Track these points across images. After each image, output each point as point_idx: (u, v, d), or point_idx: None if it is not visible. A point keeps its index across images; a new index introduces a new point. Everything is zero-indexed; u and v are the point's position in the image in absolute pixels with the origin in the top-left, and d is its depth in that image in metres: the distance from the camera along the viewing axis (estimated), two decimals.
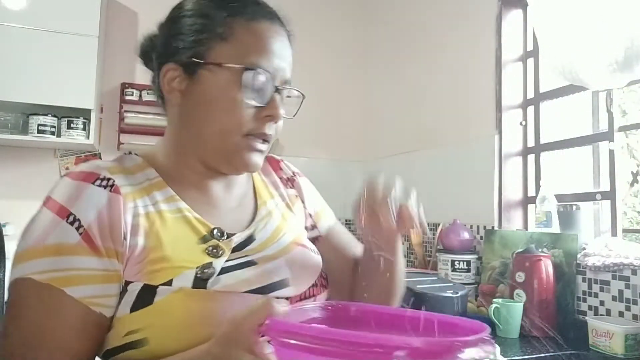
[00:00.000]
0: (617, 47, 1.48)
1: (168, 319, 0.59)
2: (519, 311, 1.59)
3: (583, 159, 1.87)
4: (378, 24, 3.16)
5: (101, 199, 0.61)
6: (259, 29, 0.69)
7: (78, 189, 0.62)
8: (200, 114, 0.68)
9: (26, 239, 0.61)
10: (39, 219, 0.61)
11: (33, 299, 0.57)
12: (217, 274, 0.63)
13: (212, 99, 0.67)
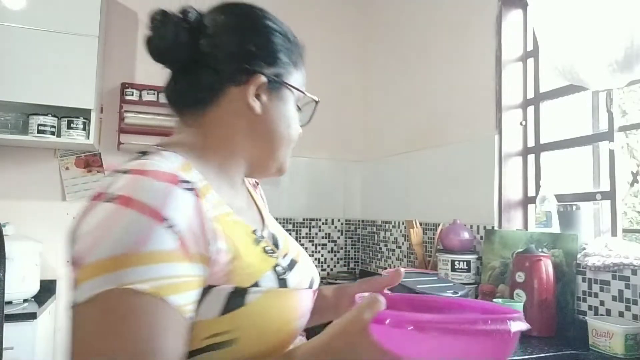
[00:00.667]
0: (617, 47, 1.48)
1: (259, 319, 0.60)
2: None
3: (583, 159, 1.87)
4: (378, 24, 3.16)
5: (189, 203, 0.57)
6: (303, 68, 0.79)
7: (166, 191, 0.55)
8: (278, 127, 0.73)
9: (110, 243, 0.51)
10: (123, 220, 0.52)
11: (137, 311, 0.51)
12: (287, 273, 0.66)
13: (288, 115, 0.75)
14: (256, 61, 0.70)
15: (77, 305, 0.51)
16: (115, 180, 0.56)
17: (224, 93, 0.70)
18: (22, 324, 1.95)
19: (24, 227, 2.40)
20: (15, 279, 2.09)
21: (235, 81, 0.69)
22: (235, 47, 0.70)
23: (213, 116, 0.71)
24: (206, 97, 0.71)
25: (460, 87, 2.33)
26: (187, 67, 0.72)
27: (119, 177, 0.56)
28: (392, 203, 2.81)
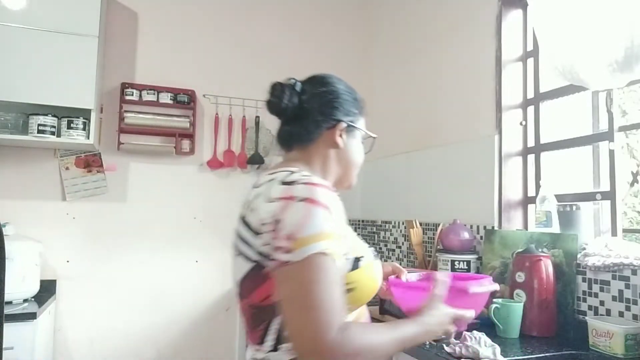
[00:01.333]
0: (617, 47, 1.48)
1: (364, 277, 0.96)
2: (519, 311, 1.59)
3: (583, 159, 1.87)
4: (379, 24, 3.16)
5: (339, 203, 0.93)
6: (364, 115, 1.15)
7: (331, 195, 0.91)
8: (352, 156, 1.10)
9: (312, 225, 0.84)
10: (318, 213, 0.85)
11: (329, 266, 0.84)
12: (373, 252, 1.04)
13: (358, 149, 1.11)
14: (339, 114, 1.06)
15: (294, 262, 0.82)
16: (296, 188, 0.88)
17: (320, 135, 1.06)
18: (22, 324, 1.96)
19: (24, 227, 2.40)
20: (15, 279, 2.09)
21: (327, 127, 1.05)
22: (326, 106, 1.06)
23: (314, 150, 1.06)
24: (310, 137, 1.06)
25: (460, 87, 2.33)
26: (293, 119, 1.06)
27: (298, 186, 0.88)
28: (392, 203, 2.81)
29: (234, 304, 2.85)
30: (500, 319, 1.58)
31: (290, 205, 0.85)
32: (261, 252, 0.88)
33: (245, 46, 2.97)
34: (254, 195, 0.93)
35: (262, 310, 0.91)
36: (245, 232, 0.93)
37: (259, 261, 0.89)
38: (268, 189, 0.90)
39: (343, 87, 1.10)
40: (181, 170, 2.79)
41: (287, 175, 0.91)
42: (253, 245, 0.90)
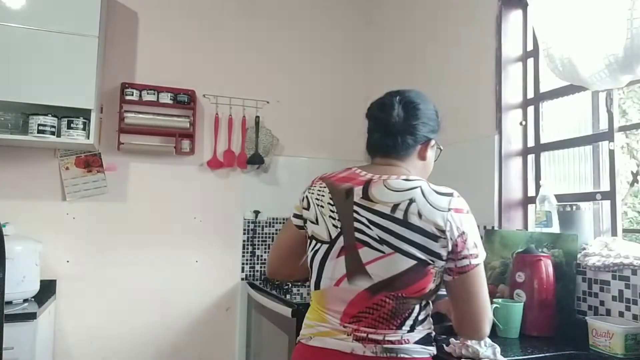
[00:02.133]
0: (617, 47, 1.48)
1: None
2: (519, 311, 1.59)
3: (583, 159, 1.87)
4: (378, 24, 3.16)
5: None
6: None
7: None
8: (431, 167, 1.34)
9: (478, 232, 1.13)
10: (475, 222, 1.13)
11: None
12: None
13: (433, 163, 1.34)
14: (431, 132, 1.28)
15: (480, 265, 1.08)
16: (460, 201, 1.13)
17: (416, 148, 1.25)
18: (22, 324, 1.95)
19: (24, 227, 2.40)
20: (15, 279, 2.09)
21: (421, 142, 1.26)
22: (424, 124, 1.26)
23: (409, 160, 1.24)
24: (407, 150, 1.23)
25: (460, 87, 2.33)
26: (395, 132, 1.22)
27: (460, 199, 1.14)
28: None
29: (234, 304, 2.85)
30: (500, 319, 1.58)
31: (465, 216, 1.09)
32: (436, 253, 1.06)
33: (245, 46, 2.97)
34: (407, 201, 1.09)
35: (409, 300, 1.07)
36: (412, 235, 1.06)
37: (426, 260, 1.06)
38: (426, 197, 1.09)
39: (432, 107, 1.31)
40: (181, 170, 2.79)
41: (442, 188, 1.14)
42: (428, 247, 1.05)
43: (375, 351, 1.06)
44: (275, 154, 2.95)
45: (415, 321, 1.10)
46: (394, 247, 1.05)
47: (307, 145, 3.03)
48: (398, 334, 1.07)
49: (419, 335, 1.10)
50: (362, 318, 1.08)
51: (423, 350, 1.10)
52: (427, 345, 1.11)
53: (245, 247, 2.89)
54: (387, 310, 1.07)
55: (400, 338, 1.07)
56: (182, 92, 2.75)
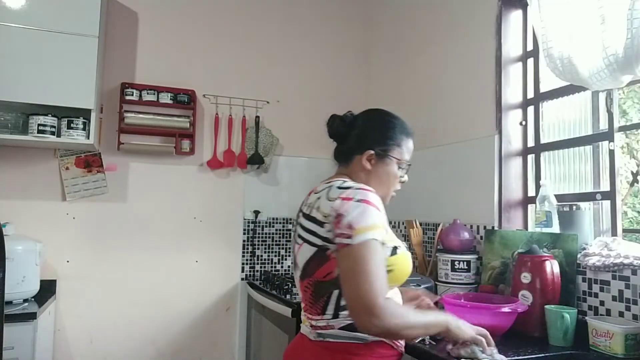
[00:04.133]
0: (617, 47, 1.48)
1: (400, 262, 1.22)
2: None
3: (583, 159, 1.87)
4: (379, 24, 3.16)
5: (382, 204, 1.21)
6: (410, 144, 1.39)
7: (378, 198, 1.20)
8: (381, 178, 1.33)
9: (367, 219, 1.12)
10: (371, 211, 1.14)
11: (379, 250, 1.12)
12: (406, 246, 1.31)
13: (389, 174, 1.35)
14: (370, 143, 1.33)
15: (353, 245, 1.10)
16: (353, 191, 1.17)
17: (354, 158, 1.34)
18: (22, 324, 1.95)
19: (24, 227, 2.40)
20: (15, 279, 2.09)
21: (359, 153, 1.33)
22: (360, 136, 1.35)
23: (352, 169, 1.34)
24: (347, 159, 1.35)
25: (460, 87, 2.33)
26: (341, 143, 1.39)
27: (354, 190, 1.17)
28: (392, 203, 2.79)
29: (234, 304, 2.85)
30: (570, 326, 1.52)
31: (349, 203, 1.14)
32: (325, 238, 1.15)
33: (246, 46, 2.97)
34: (316, 198, 1.22)
35: (323, 284, 1.17)
36: (310, 225, 1.19)
37: (323, 245, 1.16)
38: (327, 192, 1.20)
39: (382, 121, 1.38)
40: (181, 170, 2.79)
41: (341, 183, 1.22)
42: (318, 233, 1.17)
43: (315, 335, 1.21)
44: (275, 154, 2.95)
45: (337, 307, 1.17)
46: (303, 238, 1.21)
47: (307, 145, 3.03)
48: (324, 319, 1.18)
49: (345, 322, 1.16)
50: (304, 305, 1.26)
51: (348, 336, 1.16)
52: (356, 331, 1.15)
53: (245, 247, 2.89)
54: (309, 295, 1.21)
55: (327, 324, 1.18)
56: (182, 92, 2.76)
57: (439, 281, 2.06)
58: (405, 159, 1.37)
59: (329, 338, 1.18)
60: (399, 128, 1.37)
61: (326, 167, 3.07)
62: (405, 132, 1.38)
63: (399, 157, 1.35)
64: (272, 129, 2.93)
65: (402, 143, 1.36)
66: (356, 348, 1.16)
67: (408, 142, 1.38)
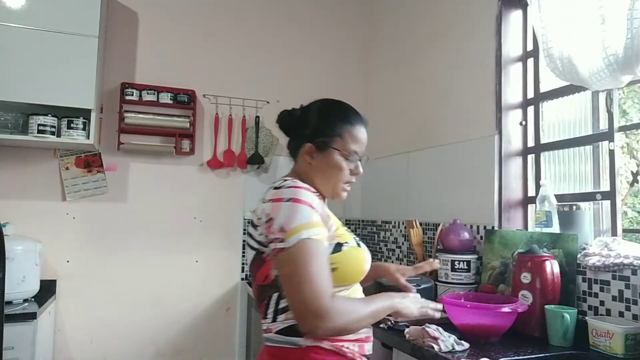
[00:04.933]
0: (617, 47, 1.48)
1: (346, 259, 1.15)
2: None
3: (583, 159, 1.87)
4: (379, 24, 3.16)
5: (318, 201, 1.16)
6: (356, 132, 1.26)
7: (312, 196, 1.14)
8: (324, 171, 1.24)
9: (298, 218, 1.07)
10: (302, 209, 1.09)
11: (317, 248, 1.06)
12: (358, 242, 1.23)
13: (331, 167, 1.24)
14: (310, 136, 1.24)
15: (288, 248, 1.05)
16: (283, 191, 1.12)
17: (298, 153, 1.27)
18: (22, 324, 1.96)
19: (24, 227, 2.40)
20: (15, 279, 2.09)
21: (300, 146, 1.26)
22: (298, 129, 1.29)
23: (298, 164, 1.29)
24: (293, 154, 1.32)
25: (460, 87, 2.33)
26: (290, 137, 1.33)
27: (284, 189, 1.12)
28: (392, 203, 2.81)
29: (234, 304, 2.86)
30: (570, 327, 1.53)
31: (279, 204, 1.10)
32: (259, 241, 1.13)
33: (245, 46, 2.97)
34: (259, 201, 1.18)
35: (263, 288, 1.14)
36: (250, 228, 1.17)
37: (259, 249, 1.13)
38: (265, 194, 1.17)
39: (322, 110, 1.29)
40: (181, 170, 2.79)
41: (280, 182, 1.17)
42: (254, 236, 1.14)
43: (264, 340, 1.19)
44: (275, 154, 2.95)
45: (276, 310, 1.13)
46: (246, 242, 1.21)
47: None
48: (265, 323, 1.16)
49: (281, 325, 1.12)
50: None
51: (283, 340, 1.11)
52: (290, 335, 1.10)
53: (246, 247, 2.89)
54: (256, 299, 1.21)
55: (267, 327, 1.16)
56: (182, 92, 2.76)
57: (439, 281, 2.06)
58: (350, 149, 1.23)
59: (269, 342, 1.15)
60: (341, 117, 1.26)
61: None
62: (349, 121, 1.26)
63: (340, 148, 1.22)
64: (272, 129, 2.93)
65: (345, 132, 1.24)
66: (291, 352, 1.10)
67: (353, 131, 1.25)
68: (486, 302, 1.59)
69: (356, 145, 1.25)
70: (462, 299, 1.67)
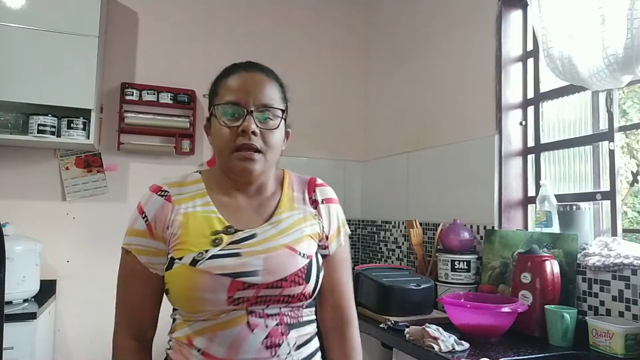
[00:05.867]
0: (617, 47, 1.48)
1: (175, 280, 0.92)
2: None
3: (583, 159, 1.87)
4: (378, 24, 3.16)
5: (158, 204, 0.97)
6: (232, 80, 0.99)
7: (149, 197, 0.98)
8: (215, 147, 1.00)
9: (129, 222, 0.97)
10: (133, 213, 0.97)
11: (125, 261, 0.96)
12: (207, 258, 0.90)
13: (213, 133, 0.99)
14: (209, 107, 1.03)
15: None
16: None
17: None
18: (22, 324, 1.95)
19: (24, 227, 2.40)
20: (15, 279, 2.09)
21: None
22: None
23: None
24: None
25: (460, 87, 2.33)
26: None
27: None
28: (392, 203, 2.81)
29: None
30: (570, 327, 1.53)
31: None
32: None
33: (245, 46, 2.97)
34: None
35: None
36: None
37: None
38: None
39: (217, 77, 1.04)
40: (181, 170, 2.79)
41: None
42: None
43: None
44: None
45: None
46: None
47: (307, 145, 3.03)
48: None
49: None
50: None
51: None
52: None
53: None
54: None
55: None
56: (182, 92, 2.75)
57: (439, 281, 2.06)
58: (226, 101, 0.96)
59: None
60: (218, 77, 1.03)
61: (326, 167, 3.10)
62: (224, 73, 1.02)
63: (218, 109, 0.97)
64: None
65: (220, 88, 1.00)
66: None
67: (229, 81, 0.99)
68: (486, 302, 1.59)
69: (232, 94, 0.96)
70: (462, 299, 1.67)
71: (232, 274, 0.89)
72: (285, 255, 0.94)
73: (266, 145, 0.97)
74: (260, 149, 0.96)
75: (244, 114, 0.95)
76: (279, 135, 1.01)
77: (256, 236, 0.96)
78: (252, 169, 0.96)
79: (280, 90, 1.07)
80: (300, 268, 0.94)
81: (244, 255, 0.92)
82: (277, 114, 1.01)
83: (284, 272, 0.93)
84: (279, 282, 0.92)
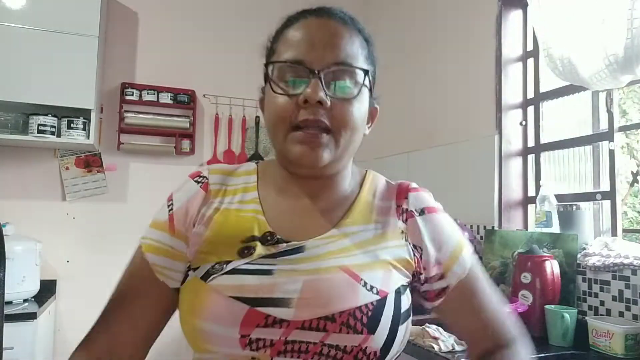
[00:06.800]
0: (617, 47, 1.48)
1: (183, 299, 0.67)
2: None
3: (583, 159, 1.87)
4: (378, 24, 3.15)
5: (191, 192, 0.73)
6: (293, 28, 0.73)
7: (184, 182, 0.76)
8: (268, 127, 0.72)
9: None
10: (164, 200, 0.78)
11: (134, 255, 0.74)
12: (224, 272, 0.63)
13: (267, 105, 0.73)
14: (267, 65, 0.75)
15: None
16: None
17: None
18: (22, 324, 1.95)
19: (24, 227, 2.40)
20: (15, 279, 2.09)
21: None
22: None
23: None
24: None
25: (460, 87, 2.33)
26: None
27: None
28: None
29: None
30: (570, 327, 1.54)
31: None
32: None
33: (245, 46, 2.97)
34: None
35: None
36: None
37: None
38: None
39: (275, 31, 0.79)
40: (181, 170, 2.79)
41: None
42: None
43: None
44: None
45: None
46: None
47: None
48: None
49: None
50: None
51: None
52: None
53: None
54: None
55: None
56: (182, 92, 2.76)
57: None
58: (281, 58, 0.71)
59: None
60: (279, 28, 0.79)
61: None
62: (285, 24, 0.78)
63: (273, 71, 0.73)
64: None
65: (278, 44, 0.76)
66: None
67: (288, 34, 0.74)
68: None
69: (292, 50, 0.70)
70: None
71: (251, 300, 0.60)
72: (338, 282, 0.62)
73: (339, 123, 0.67)
74: (330, 127, 0.66)
75: (309, 76, 0.66)
76: (359, 110, 0.72)
77: (303, 251, 0.65)
78: (315, 156, 0.65)
79: (364, 45, 0.79)
80: (361, 306, 0.61)
81: (276, 273, 0.63)
82: (357, 78, 0.72)
83: (332, 306, 0.60)
84: (321, 322, 0.59)
